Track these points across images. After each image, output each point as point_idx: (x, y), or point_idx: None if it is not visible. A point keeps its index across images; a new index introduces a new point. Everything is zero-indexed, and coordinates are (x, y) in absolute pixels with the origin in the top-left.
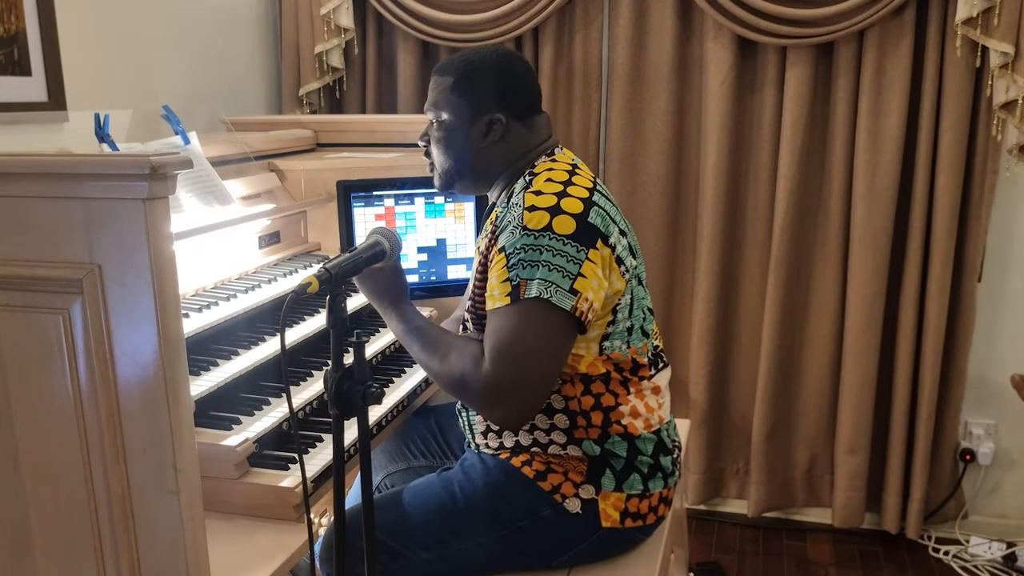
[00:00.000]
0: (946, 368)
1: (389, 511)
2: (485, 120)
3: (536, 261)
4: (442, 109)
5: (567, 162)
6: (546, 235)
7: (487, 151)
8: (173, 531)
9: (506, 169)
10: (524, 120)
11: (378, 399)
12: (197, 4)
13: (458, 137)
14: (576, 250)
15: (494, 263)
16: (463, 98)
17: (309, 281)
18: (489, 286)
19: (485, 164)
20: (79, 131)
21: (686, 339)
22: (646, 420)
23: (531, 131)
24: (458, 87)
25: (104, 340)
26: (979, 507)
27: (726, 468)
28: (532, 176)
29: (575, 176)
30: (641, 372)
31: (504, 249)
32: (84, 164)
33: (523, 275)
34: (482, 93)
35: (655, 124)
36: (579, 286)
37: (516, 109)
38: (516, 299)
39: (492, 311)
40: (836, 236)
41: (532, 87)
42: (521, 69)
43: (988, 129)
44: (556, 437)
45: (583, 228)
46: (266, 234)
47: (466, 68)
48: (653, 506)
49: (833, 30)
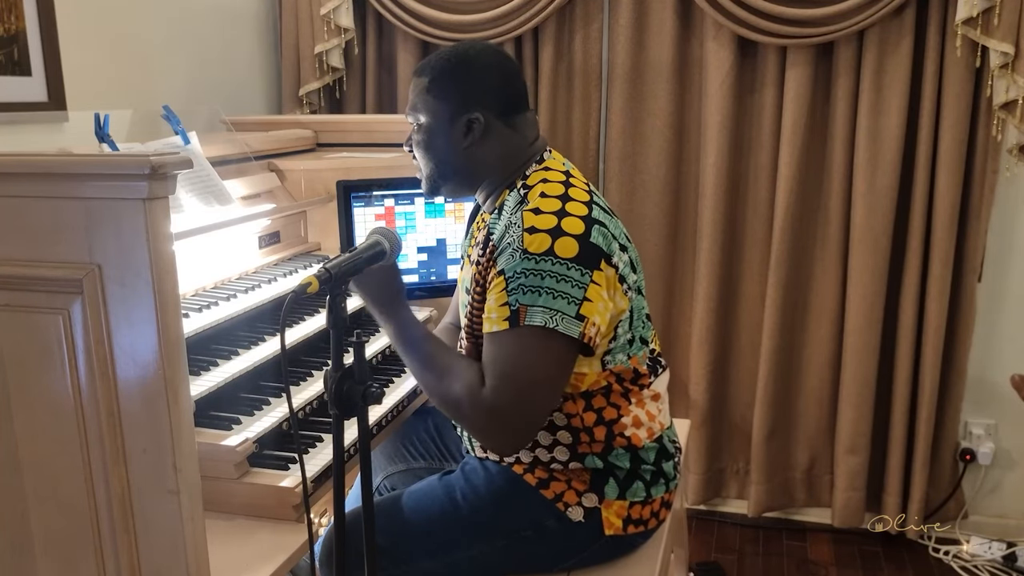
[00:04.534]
0: (946, 368)
1: (390, 516)
2: (464, 120)
3: (538, 287)
4: (420, 111)
5: (560, 170)
6: (548, 259)
7: (470, 152)
8: (173, 531)
9: (493, 171)
10: (507, 119)
11: (378, 399)
12: (197, 4)
13: (438, 139)
14: (580, 274)
15: (493, 285)
16: (440, 99)
17: (309, 281)
18: (487, 307)
19: (470, 166)
20: (79, 131)
21: (686, 339)
22: (648, 429)
23: (515, 130)
24: (434, 87)
25: (104, 340)
26: (979, 507)
27: (726, 468)
28: (526, 189)
29: (571, 188)
30: (641, 380)
31: (504, 272)
32: (84, 164)
33: (523, 301)
34: (459, 92)
35: (655, 124)
36: (585, 311)
37: (496, 107)
38: (515, 324)
39: (490, 334)
40: (836, 236)
41: (513, 83)
42: (501, 65)
43: (988, 129)
44: (558, 454)
45: (586, 250)
46: (266, 234)
47: (442, 68)
48: (655, 511)
49: (833, 30)
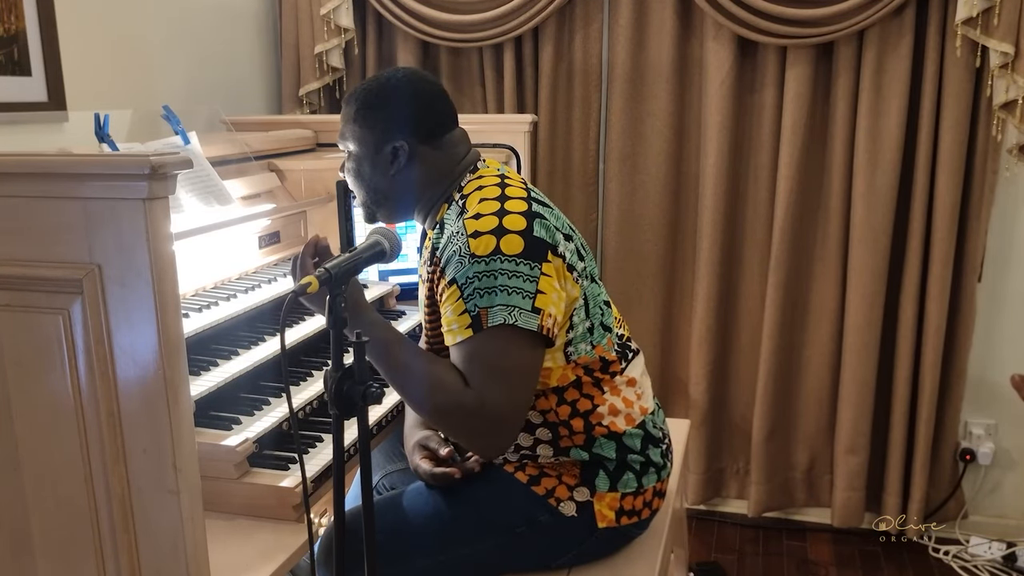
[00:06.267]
0: (946, 368)
1: (386, 516)
2: (389, 148)
3: (492, 287)
4: (348, 140)
5: (494, 175)
6: (496, 259)
7: (399, 179)
8: (173, 531)
9: (424, 192)
10: (432, 142)
11: (378, 399)
12: (197, 4)
13: (366, 167)
14: (530, 268)
15: (446, 297)
16: (364, 127)
17: (309, 281)
18: (446, 320)
19: (399, 191)
20: (79, 131)
21: (686, 339)
22: (627, 415)
23: (443, 152)
24: (359, 117)
25: (104, 340)
26: (979, 507)
27: (726, 468)
28: (464, 198)
29: (507, 188)
30: (612, 368)
31: (456, 280)
32: (84, 164)
33: (481, 304)
34: (382, 121)
35: (655, 124)
36: (540, 303)
37: (420, 133)
38: (479, 328)
39: (456, 345)
40: (836, 236)
41: (437, 107)
42: (422, 92)
43: (988, 129)
44: (543, 451)
45: (531, 244)
46: (266, 234)
47: (366, 97)
48: (648, 501)
49: (833, 30)
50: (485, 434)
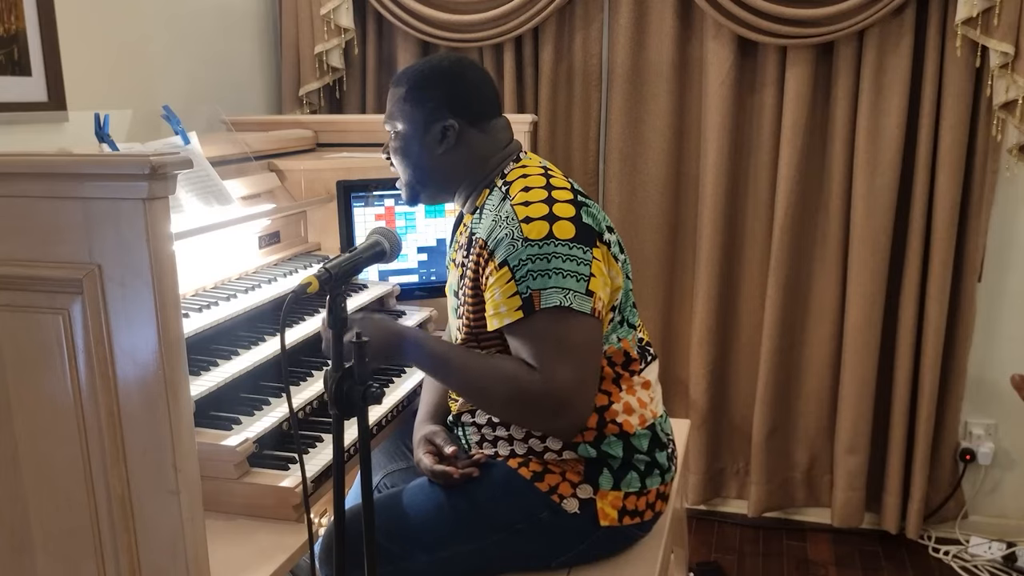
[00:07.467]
0: (946, 368)
1: (387, 514)
2: (439, 127)
3: (546, 270)
4: (397, 120)
5: (537, 165)
6: (551, 242)
7: (445, 159)
8: (173, 531)
9: (469, 174)
10: (480, 125)
11: (378, 399)
12: (197, 4)
13: (414, 146)
14: (583, 251)
15: (495, 279)
16: (415, 107)
17: (309, 281)
18: (492, 303)
19: (445, 171)
20: (79, 131)
21: (686, 339)
22: (640, 416)
23: (489, 136)
24: (410, 97)
25: (104, 340)
26: (979, 507)
27: (726, 468)
28: (507, 185)
29: (552, 178)
30: (632, 366)
31: (508, 263)
32: (84, 164)
33: (534, 286)
34: (433, 100)
35: (655, 124)
36: (592, 287)
37: (469, 115)
38: (531, 311)
39: (509, 327)
40: (836, 236)
41: (485, 92)
42: (473, 74)
43: (988, 129)
44: (552, 443)
45: (582, 229)
46: (266, 234)
47: (417, 77)
48: (651, 503)
49: (833, 30)
50: (558, 413)
